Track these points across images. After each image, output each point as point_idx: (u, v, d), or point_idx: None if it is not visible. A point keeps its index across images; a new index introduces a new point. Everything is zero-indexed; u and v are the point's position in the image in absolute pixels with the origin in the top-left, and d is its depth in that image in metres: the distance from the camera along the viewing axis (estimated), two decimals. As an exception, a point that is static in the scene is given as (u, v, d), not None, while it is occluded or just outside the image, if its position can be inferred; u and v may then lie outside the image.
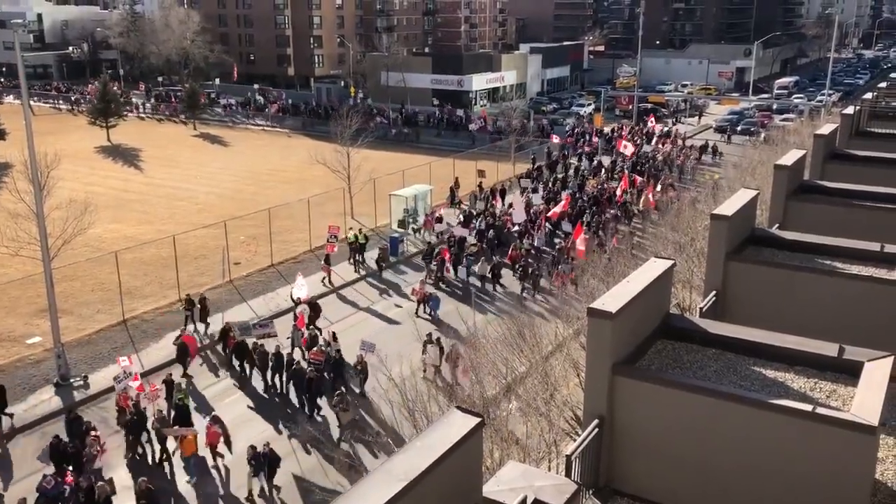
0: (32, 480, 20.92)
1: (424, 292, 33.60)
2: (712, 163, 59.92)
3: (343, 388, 25.72)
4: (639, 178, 49.89)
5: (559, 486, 7.22)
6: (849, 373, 9.05)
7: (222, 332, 29.41)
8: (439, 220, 43.21)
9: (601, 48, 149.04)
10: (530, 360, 19.95)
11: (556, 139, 65.01)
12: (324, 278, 36.83)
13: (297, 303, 32.24)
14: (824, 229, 13.97)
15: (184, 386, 26.17)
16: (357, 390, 26.57)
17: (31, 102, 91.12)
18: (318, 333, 29.66)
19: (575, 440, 9.25)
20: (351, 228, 40.42)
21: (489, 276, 36.25)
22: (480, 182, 51.30)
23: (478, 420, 6.92)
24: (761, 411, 8.13)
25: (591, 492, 8.95)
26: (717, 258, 12.81)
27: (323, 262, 37.31)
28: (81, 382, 27.25)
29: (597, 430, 8.87)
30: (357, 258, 39.01)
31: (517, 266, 36.80)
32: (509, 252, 38.50)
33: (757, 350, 9.69)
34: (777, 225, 15.93)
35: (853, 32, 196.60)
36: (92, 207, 34.69)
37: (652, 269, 10.08)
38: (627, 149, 58.97)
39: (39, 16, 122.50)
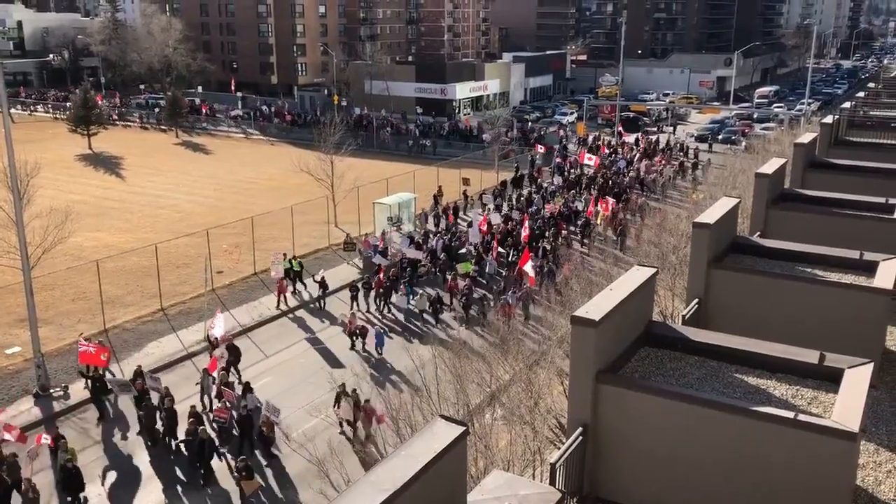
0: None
1: (356, 325, 30.87)
2: (697, 179, 57.44)
3: (257, 450, 22.94)
4: (612, 201, 45.93)
5: (543, 494, 7.21)
6: (830, 380, 9.12)
7: (134, 375, 25.87)
8: (384, 252, 38.27)
9: (583, 57, 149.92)
10: (514, 368, 19.95)
11: (540, 148, 65.15)
12: (279, 300, 34.71)
13: (214, 344, 28.77)
14: (805, 237, 14.10)
15: (72, 443, 22.47)
16: (263, 456, 23.37)
17: (28, 111, 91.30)
18: (236, 380, 26.74)
19: (559, 448, 9.26)
20: (285, 254, 37.20)
21: (429, 309, 33.28)
22: (465, 190, 51.39)
23: (462, 429, 6.90)
24: (743, 418, 8.17)
25: (575, 500, 8.95)
26: (700, 266, 12.88)
27: (276, 285, 35.02)
28: (62, 393, 26.92)
29: (581, 437, 8.88)
30: (295, 286, 36.23)
31: (459, 297, 33.83)
32: (448, 281, 35.21)
33: (739, 357, 9.75)
34: (758, 233, 16.06)
35: (831, 42, 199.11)
36: (72, 216, 34.42)
37: (635, 277, 10.12)
38: (591, 160, 57.59)
39: (19, 23, 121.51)
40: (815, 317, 11.85)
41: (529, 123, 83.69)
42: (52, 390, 26.95)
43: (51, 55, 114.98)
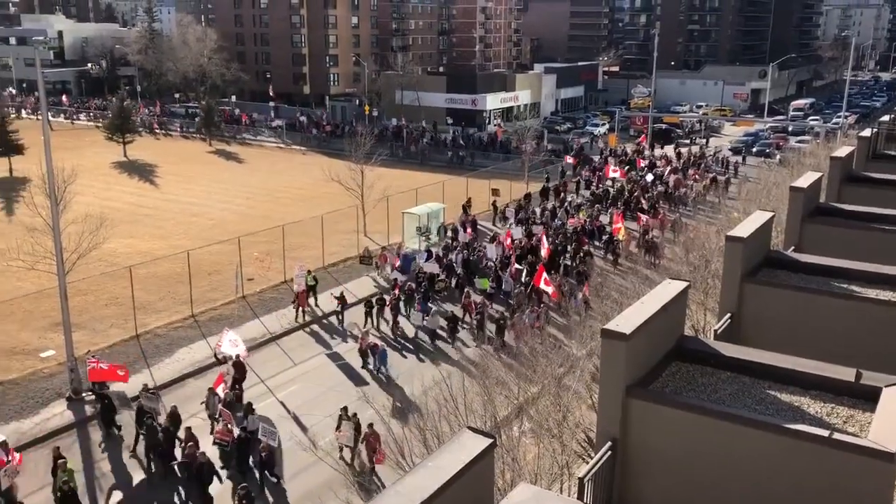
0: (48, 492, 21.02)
1: (368, 343, 30.01)
2: (729, 193, 55.84)
3: (263, 476, 22.17)
4: (644, 217, 44.93)
5: (571, 509, 7.13)
6: (866, 398, 8.92)
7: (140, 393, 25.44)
8: (402, 269, 37.58)
9: (616, 69, 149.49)
10: (542, 382, 19.80)
11: (569, 159, 64.86)
12: (298, 313, 34.49)
13: (222, 361, 28.54)
14: (841, 252, 13.86)
15: (72, 464, 21.92)
16: (263, 480, 22.54)
17: (70, 120, 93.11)
18: (241, 399, 26.19)
19: (587, 462, 9.16)
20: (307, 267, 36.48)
21: (444, 327, 32.20)
22: (494, 201, 51.34)
23: (489, 441, 6.86)
24: (776, 436, 8.02)
25: (603, 515, 8.84)
26: (733, 280, 12.72)
27: (295, 297, 34.78)
28: (94, 397, 27.26)
29: (610, 452, 8.78)
30: (315, 299, 35.76)
31: (474, 315, 32.66)
32: (462, 299, 34.28)
33: (772, 374, 9.58)
34: (793, 247, 15.82)
35: (870, 55, 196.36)
36: (107, 222, 34.92)
37: (666, 290, 10.00)
38: (617, 172, 56.60)
39: (60, 33, 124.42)
40: (851, 333, 11.63)
41: (571, 136, 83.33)
42: (84, 394, 27.31)
43: (88, 64, 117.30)
